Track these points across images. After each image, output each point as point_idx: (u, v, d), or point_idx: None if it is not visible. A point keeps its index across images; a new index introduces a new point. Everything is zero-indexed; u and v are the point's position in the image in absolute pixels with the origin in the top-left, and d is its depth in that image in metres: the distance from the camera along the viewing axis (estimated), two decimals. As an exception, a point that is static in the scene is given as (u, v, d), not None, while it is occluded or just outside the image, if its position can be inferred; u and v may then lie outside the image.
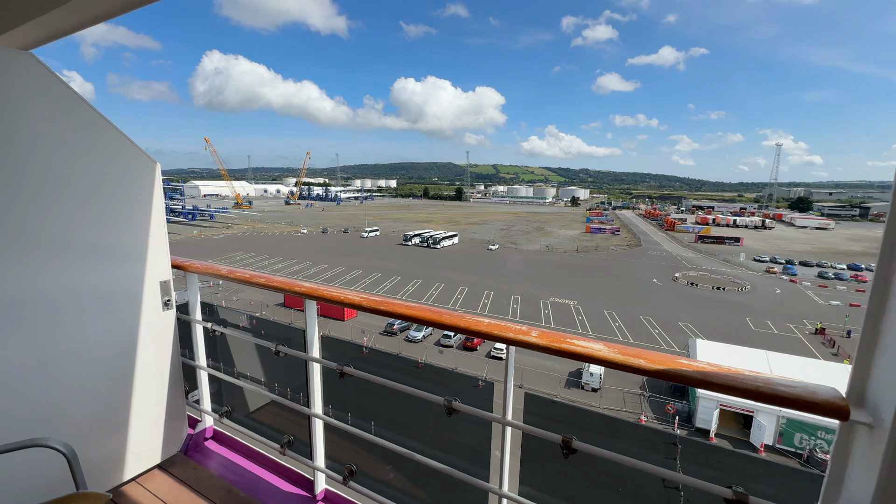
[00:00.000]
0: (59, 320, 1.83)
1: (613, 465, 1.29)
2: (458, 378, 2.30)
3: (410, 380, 1.69)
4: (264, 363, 2.39)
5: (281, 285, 1.88)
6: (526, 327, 1.33)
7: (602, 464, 1.33)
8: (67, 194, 1.81)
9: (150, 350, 2.14)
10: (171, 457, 2.29)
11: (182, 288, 2.33)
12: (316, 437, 2.00)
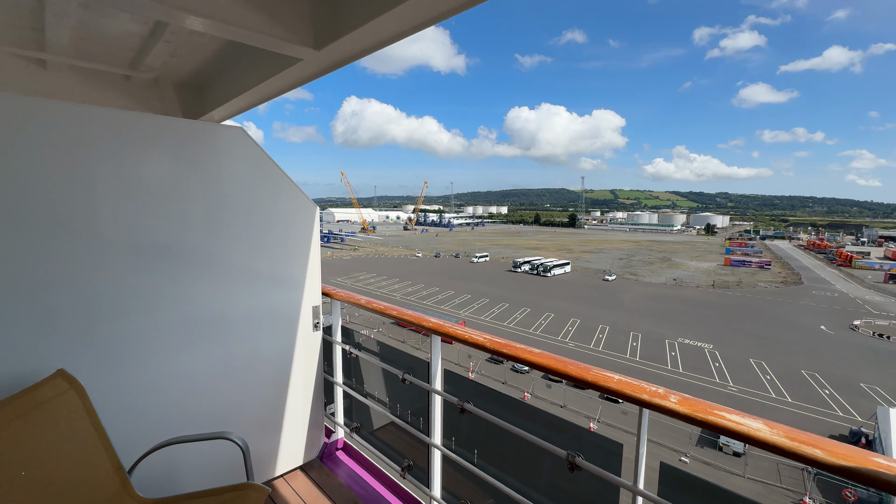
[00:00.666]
0: (240, 335, 2.27)
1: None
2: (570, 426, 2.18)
3: (531, 426, 1.67)
4: (389, 387, 2.60)
5: (411, 318, 2.05)
6: (664, 390, 1.23)
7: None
8: (252, 234, 2.26)
9: (301, 364, 2.50)
10: (310, 461, 2.60)
11: (327, 313, 2.69)
12: (434, 466, 2.08)
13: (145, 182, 1.91)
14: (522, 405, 1.95)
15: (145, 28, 2.54)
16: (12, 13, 2.41)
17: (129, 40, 2.78)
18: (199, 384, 2.12)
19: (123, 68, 3.21)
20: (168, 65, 3.25)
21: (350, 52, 2.15)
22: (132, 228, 1.86)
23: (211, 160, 2.08)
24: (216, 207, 2.09)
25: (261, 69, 2.64)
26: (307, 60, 2.22)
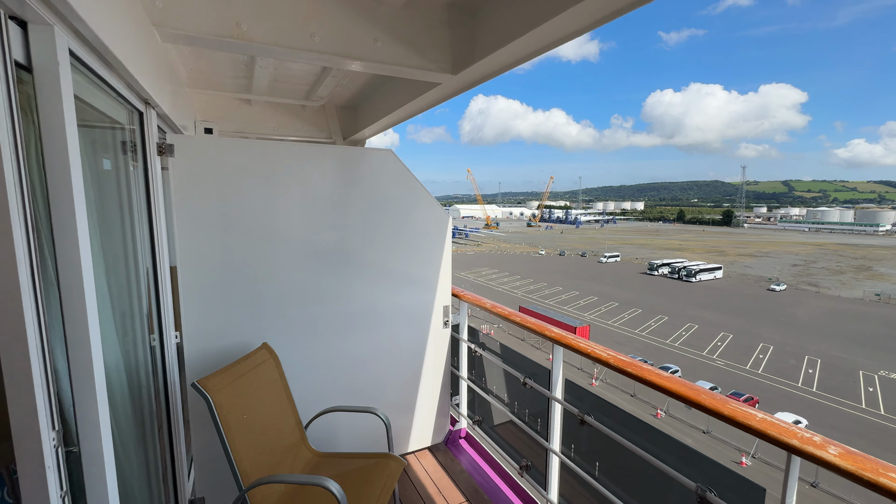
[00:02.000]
0: (385, 327, 2.65)
1: None
2: (704, 458, 2.00)
3: (656, 450, 1.61)
4: (510, 387, 2.74)
5: (533, 327, 2.14)
6: (821, 438, 1.09)
7: None
8: (397, 241, 2.62)
9: (432, 357, 2.80)
10: (437, 444, 2.90)
11: (455, 312, 2.94)
12: (552, 471, 2.15)
13: (320, 199, 2.38)
14: (648, 428, 1.88)
15: (318, 68, 3.12)
16: (236, 69, 3.21)
17: (306, 78, 3.44)
18: (354, 365, 2.56)
19: (300, 99, 3.96)
20: (333, 94, 3.91)
21: (484, 73, 2.32)
22: (311, 237, 2.35)
23: (367, 179, 2.49)
24: (370, 219, 2.49)
25: (404, 92, 3.01)
26: (445, 84, 2.47)
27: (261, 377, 2.07)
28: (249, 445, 1.84)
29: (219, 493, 2.27)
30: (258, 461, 1.85)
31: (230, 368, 1.95)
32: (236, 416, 1.83)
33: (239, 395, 1.90)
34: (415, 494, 2.43)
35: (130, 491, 1.77)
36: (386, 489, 1.89)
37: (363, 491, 1.86)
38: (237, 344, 2.24)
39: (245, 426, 1.85)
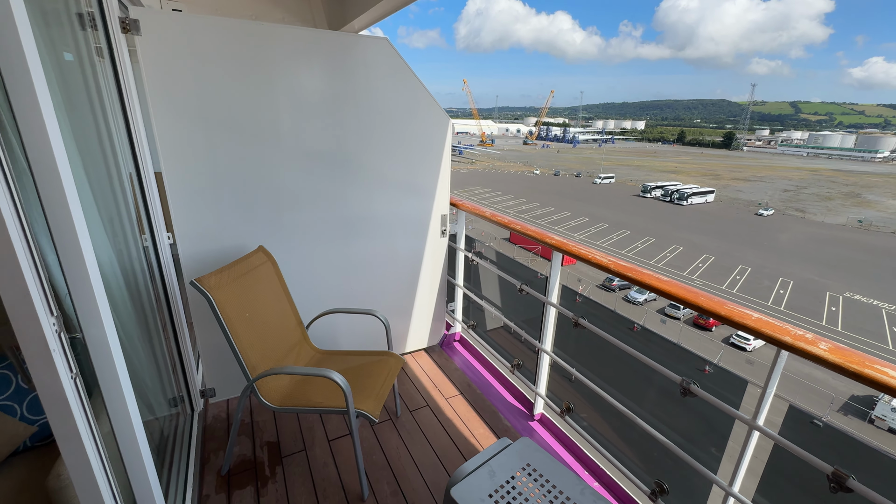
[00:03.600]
0: (382, 234, 2.62)
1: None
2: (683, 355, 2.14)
3: (642, 346, 1.70)
4: (505, 295, 2.81)
5: (534, 234, 2.12)
6: (812, 336, 1.13)
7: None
8: (394, 143, 2.47)
9: (429, 265, 2.83)
10: (432, 346, 3.06)
11: (453, 221, 2.90)
12: (542, 368, 2.29)
13: (310, 93, 2.18)
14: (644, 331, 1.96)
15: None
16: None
17: (288, -48, 2.96)
18: (353, 270, 2.57)
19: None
20: (318, -26, 3.41)
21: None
22: (302, 136, 2.20)
23: (361, 71, 2.26)
24: (365, 118, 2.32)
25: (401, -29, 2.62)
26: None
27: (259, 278, 2.07)
28: (254, 341, 1.90)
29: (228, 384, 2.41)
30: (263, 355, 1.93)
31: (228, 269, 1.93)
32: (238, 313, 1.86)
33: (239, 294, 1.91)
34: (412, 388, 2.61)
35: (142, 380, 1.85)
36: (387, 383, 2.00)
37: (365, 384, 1.97)
38: (233, 247, 2.21)
39: (248, 323, 1.89)
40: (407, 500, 1.87)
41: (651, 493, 1.73)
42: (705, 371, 1.75)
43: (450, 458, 2.10)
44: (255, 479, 1.95)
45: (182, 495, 1.78)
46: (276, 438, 2.20)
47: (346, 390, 1.70)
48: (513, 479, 1.48)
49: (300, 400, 1.88)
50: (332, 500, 1.86)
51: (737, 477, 1.42)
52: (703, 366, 1.61)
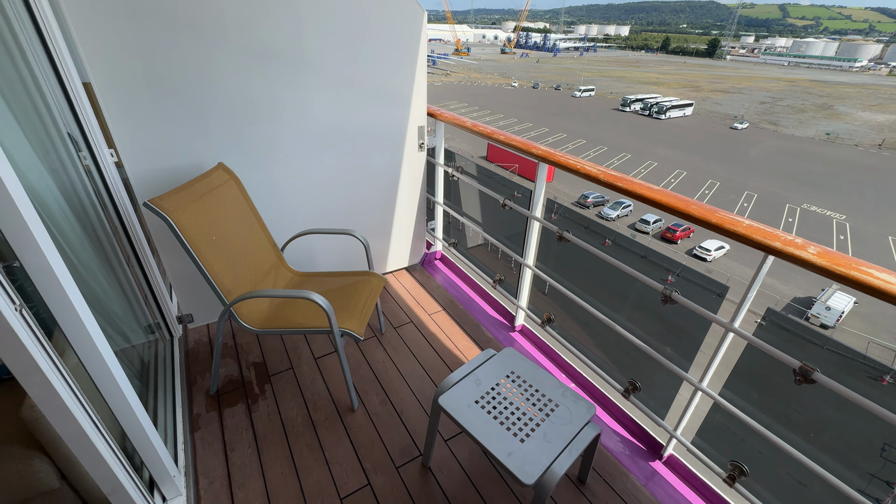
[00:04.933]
0: (355, 148, 2.41)
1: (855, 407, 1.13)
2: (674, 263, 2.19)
3: (624, 257, 1.70)
4: (486, 212, 2.74)
5: (519, 144, 1.99)
6: (801, 240, 1.12)
7: (849, 409, 1.18)
8: (360, 41, 2.16)
9: (407, 182, 2.68)
10: (413, 265, 3.04)
11: (432, 134, 2.70)
12: (524, 283, 2.32)
13: (257, -25, 1.82)
14: (630, 241, 1.96)
15: None
16: None
17: None
18: (326, 189, 2.41)
19: None
20: None
21: None
22: (252, 30, 1.88)
23: (316, -53, 1.88)
24: (324, 8, 1.98)
25: None
26: None
27: (223, 199, 1.90)
28: (225, 265, 1.80)
29: (205, 309, 2.35)
30: (238, 279, 1.84)
31: (185, 188, 1.75)
32: (204, 237, 1.73)
33: (202, 216, 1.76)
34: (395, 306, 2.62)
35: (109, 310, 1.76)
36: (369, 302, 1.98)
37: (348, 304, 1.94)
38: (189, 165, 1.99)
39: (216, 248, 1.77)
40: (396, 409, 1.96)
41: (624, 390, 1.87)
42: (668, 280, 1.80)
43: (436, 369, 2.18)
44: (245, 397, 1.99)
45: (172, 416, 1.80)
46: (262, 359, 2.22)
47: (328, 310, 1.66)
48: (497, 385, 1.54)
49: (282, 322, 1.85)
50: (322, 412, 1.93)
51: (706, 375, 1.52)
52: (664, 276, 1.65)
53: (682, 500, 1.62)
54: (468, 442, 1.81)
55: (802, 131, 49.00)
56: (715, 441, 1.59)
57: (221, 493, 1.59)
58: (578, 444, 1.34)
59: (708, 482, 1.65)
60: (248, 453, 1.74)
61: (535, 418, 1.40)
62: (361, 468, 1.69)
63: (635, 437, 1.88)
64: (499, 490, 1.63)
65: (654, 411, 1.79)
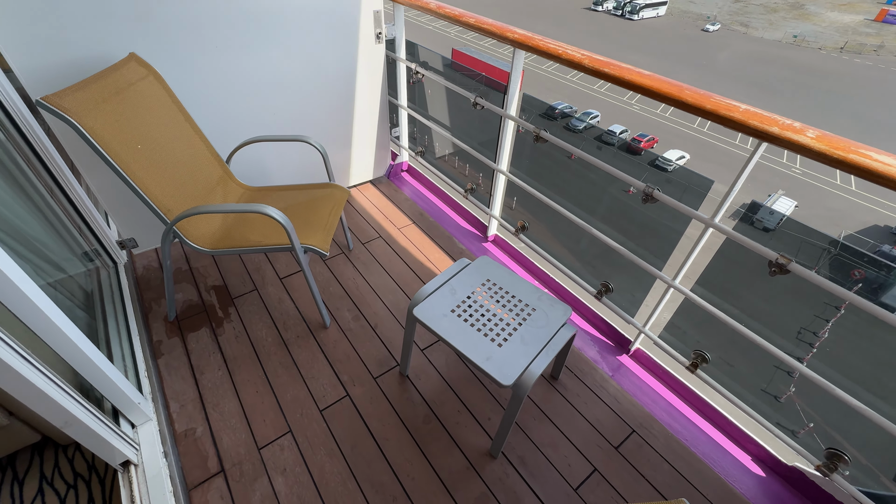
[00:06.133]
0: (299, 39, 2.05)
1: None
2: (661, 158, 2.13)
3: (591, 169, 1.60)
4: (455, 114, 2.51)
5: (491, 28, 1.72)
6: (800, 125, 1.04)
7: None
8: None
9: (365, 81, 2.37)
10: (379, 177, 2.84)
11: (390, 22, 2.33)
12: (497, 190, 2.20)
13: None
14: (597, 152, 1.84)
15: None
16: None
17: None
18: (270, 90, 2.08)
19: None
20: None
21: None
22: None
23: None
24: None
25: None
26: None
27: (143, 98, 1.59)
28: (160, 179, 1.56)
29: (151, 233, 2.12)
30: (178, 196, 1.62)
31: (90, 84, 1.43)
32: (126, 146, 1.46)
33: (119, 119, 1.47)
34: (362, 222, 2.48)
35: (33, 240, 1.53)
36: (333, 215, 1.83)
37: (310, 218, 1.78)
38: (91, 57, 1.62)
39: (145, 159, 1.52)
40: (370, 323, 1.92)
41: (597, 293, 1.89)
42: (629, 192, 1.74)
43: (408, 282, 2.12)
44: (209, 321, 1.89)
45: (129, 344, 1.68)
46: (223, 282, 2.08)
47: (286, 225, 1.51)
48: (473, 294, 1.49)
49: (237, 241, 1.68)
50: (293, 331, 1.87)
51: (680, 273, 1.53)
52: (626, 188, 1.59)
53: (647, 387, 1.74)
54: (445, 350, 1.82)
55: (771, 33, 47.96)
56: (681, 334, 1.66)
57: (195, 415, 1.55)
58: (555, 346, 1.35)
59: (671, 370, 1.77)
60: (219, 375, 1.69)
61: (511, 323, 1.39)
62: (339, 381, 1.69)
63: (605, 335, 1.96)
64: (477, 393, 1.68)
65: (626, 311, 1.84)
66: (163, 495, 1.28)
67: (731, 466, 1.52)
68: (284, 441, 1.50)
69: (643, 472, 1.48)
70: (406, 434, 1.53)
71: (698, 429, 1.63)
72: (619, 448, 1.54)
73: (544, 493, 1.40)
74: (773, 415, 1.47)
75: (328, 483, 1.39)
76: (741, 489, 1.45)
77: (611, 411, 1.64)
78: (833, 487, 1.38)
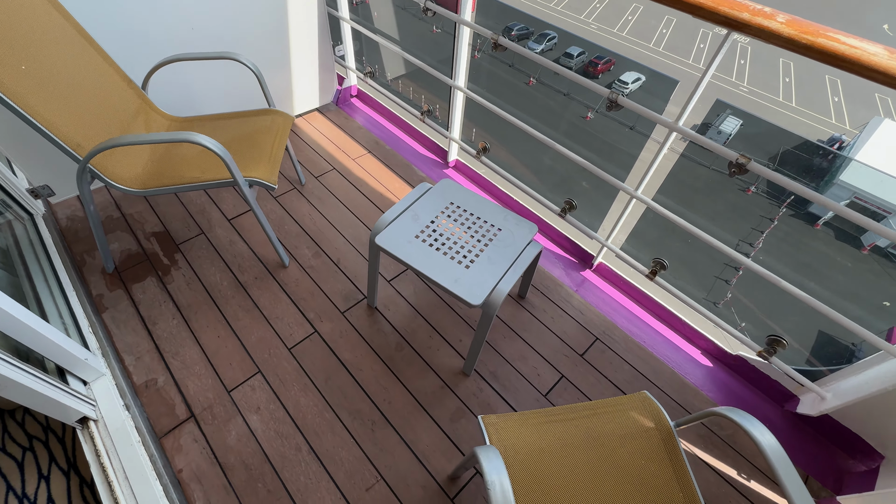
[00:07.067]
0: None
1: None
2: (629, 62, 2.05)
3: (548, 93, 1.50)
4: (405, 28, 2.26)
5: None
6: (770, 9, 0.98)
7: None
8: None
9: (298, -12, 2.05)
10: (326, 104, 2.59)
11: None
12: (455, 110, 2.07)
13: None
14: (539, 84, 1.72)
15: None
16: None
17: None
18: (190, 3, 1.76)
19: None
20: None
21: None
22: None
23: None
24: None
25: None
26: None
27: (19, 8, 1.29)
28: (63, 110, 1.32)
29: (67, 177, 1.87)
30: (90, 129, 1.39)
31: (-62, -15, 1.13)
32: (7, 67, 1.20)
33: (-7, 35, 1.20)
34: (312, 154, 2.29)
35: None
36: (277, 144, 1.65)
37: (251, 149, 1.60)
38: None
39: (35, 84, 1.26)
40: (332, 258, 1.84)
41: (561, 210, 1.89)
42: (587, 118, 1.67)
43: (368, 214, 2.03)
44: (154, 270, 1.74)
45: (64, 300, 1.53)
46: (164, 228, 1.90)
47: (222, 155, 1.34)
48: (437, 218, 1.44)
49: (170, 178, 1.50)
50: (250, 273, 1.77)
51: (642, 183, 1.52)
52: (584, 114, 1.52)
53: (609, 298, 1.82)
54: (412, 279, 1.80)
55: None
56: (641, 245, 1.70)
57: (154, 365, 1.48)
58: (522, 263, 1.34)
59: (631, 280, 1.84)
60: (174, 324, 1.59)
61: (478, 245, 1.35)
62: (305, 319, 1.64)
63: (569, 253, 1.99)
64: (448, 317, 1.69)
65: (588, 227, 1.86)
66: (130, 445, 1.23)
67: (684, 361, 1.65)
68: (255, 381, 1.46)
69: (606, 374, 1.58)
70: (379, 363, 1.54)
71: (655, 331, 1.74)
72: (584, 355, 1.62)
73: (516, 401, 1.48)
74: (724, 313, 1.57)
75: (305, 416, 1.40)
76: (693, 380, 1.59)
77: (576, 323, 1.71)
78: (770, 369, 1.53)
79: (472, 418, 1.43)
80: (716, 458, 1.41)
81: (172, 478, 1.25)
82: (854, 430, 1.34)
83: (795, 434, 1.47)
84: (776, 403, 1.55)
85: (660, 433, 1.03)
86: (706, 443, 1.44)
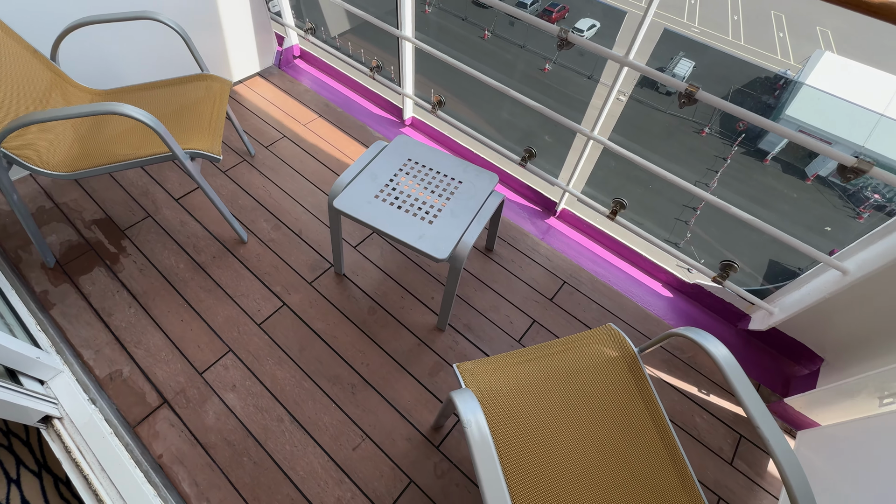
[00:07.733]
0: None
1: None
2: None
3: (506, 46, 1.44)
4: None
5: None
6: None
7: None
8: None
9: (217, -66, 1.85)
10: (268, 68, 2.42)
11: None
12: (406, 64, 1.97)
13: None
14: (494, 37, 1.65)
15: None
16: None
17: None
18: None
19: None
20: None
21: None
22: None
23: None
24: None
25: None
26: None
27: None
28: (-45, 87, 1.17)
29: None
30: (-6, 108, 1.24)
31: None
32: None
33: None
34: (259, 123, 2.16)
35: None
36: (217, 112, 1.54)
37: (188, 119, 1.49)
38: None
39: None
40: (293, 230, 1.78)
41: (521, 160, 1.88)
42: (545, 70, 1.63)
43: (326, 181, 1.95)
44: (100, 259, 1.63)
45: (3, 300, 1.42)
46: (105, 214, 1.77)
47: (154, 126, 1.24)
48: (396, 175, 1.40)
49: (100, 157, 1.37)
50: (207, 252, 1.69)
51: (597, 124, 1.52)
52: (541, 66, 1.48)
53: (573, 243, 1.86)
54: (378, 242, 1.77)
55: None
56: (601, 186, 1.73)
57: (116, 357, 1.41)
58: (485, 214, 1.33)
59: (593, 223, 1.88)
60: (132, 313, 1.52)
61: (440, 199, 1.33)
62: (272, 293, 1.60)
63: (533, 202, 2.00)
64: (417, 277, 1.68)
65: (549, 173, 1.86)
66: (102, 438, 1.20)
67: (647, 294, 1.73)
68: (226, 360, 1.43)
69: (575, 315, 1.64)
70: (353, 328, 1.53)
71: (619, 269, 1.80)
72: (553, 299, 1.67)
73: (491, 350, 1.52)
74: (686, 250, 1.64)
75: (283, 388, 1.39)
76: (654, 311, 1.68)
77: (543, 269, 1.75)
78: (724, 293, 1.63)
79: (450, 370, 1.46)
80: (678, 378, 1.51)
81: (153, 463, 1.23)
82: (798, 338, 1.46)
83: (748, 349, 1.59)
84: (730, 324, 1.66)
85: (626, 360, 1.09)
86: (669, 366, 1.54)
